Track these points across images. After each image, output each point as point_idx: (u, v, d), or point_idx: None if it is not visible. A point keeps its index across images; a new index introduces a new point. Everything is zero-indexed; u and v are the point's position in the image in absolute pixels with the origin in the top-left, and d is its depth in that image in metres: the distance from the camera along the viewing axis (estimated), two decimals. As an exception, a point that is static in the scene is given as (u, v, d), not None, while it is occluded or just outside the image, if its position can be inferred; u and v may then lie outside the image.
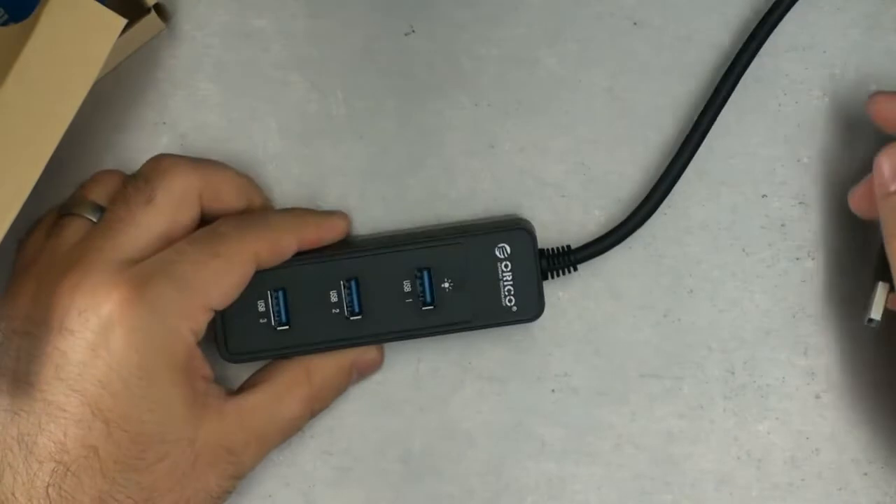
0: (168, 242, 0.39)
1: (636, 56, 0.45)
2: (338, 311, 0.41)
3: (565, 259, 0.43)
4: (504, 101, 0.45)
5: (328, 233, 0.42)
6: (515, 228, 0.42)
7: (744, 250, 0.44)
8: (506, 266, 0.42)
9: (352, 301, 0.41)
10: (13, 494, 0.36)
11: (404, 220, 0.44)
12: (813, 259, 0.44)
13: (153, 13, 0.43)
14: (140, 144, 0.45)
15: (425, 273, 0.42)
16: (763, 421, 0.44)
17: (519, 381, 0.44)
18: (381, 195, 0.45)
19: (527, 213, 0.44)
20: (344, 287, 0.41)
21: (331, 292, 0.41)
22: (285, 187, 0.45)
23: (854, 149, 0.45)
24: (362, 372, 0.43)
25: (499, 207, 0.44)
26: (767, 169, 0.44)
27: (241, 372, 0.43)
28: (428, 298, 0.42)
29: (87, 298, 0.37)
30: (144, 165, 0.42)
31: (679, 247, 0.44)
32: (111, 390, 0.36)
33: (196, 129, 0.45)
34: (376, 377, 0.44)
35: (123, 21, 0.40)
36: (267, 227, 0.41)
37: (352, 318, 0.41)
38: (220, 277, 0.39)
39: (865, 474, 0.44)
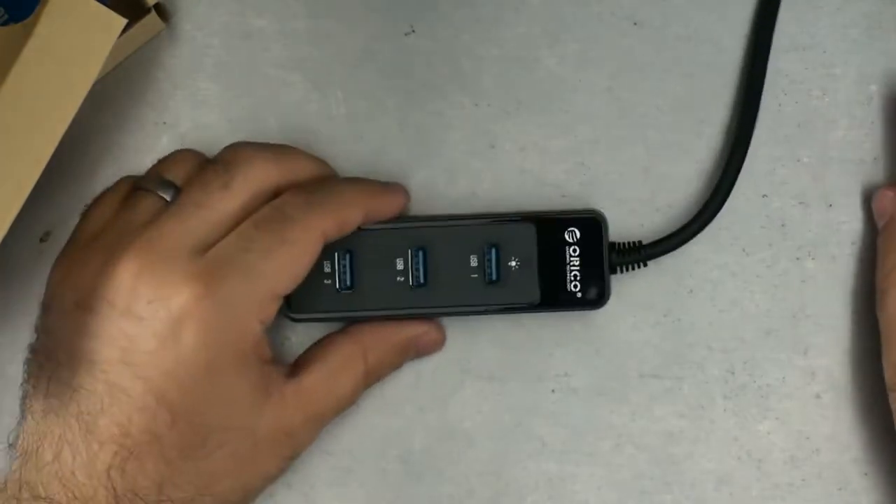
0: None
1: (636, 56, 0.45)
2: (403, 279, 0.41)
3: (636, 254, 0.43)
4: (504, 101, 0.45)
5: (391, 206, 0.42)
6: (587, 215, 0.42)
7: (744, 250, 0.45)
8: (574, 251, 0.42)
9: (418, 270, 0.41)
10: (73, 473, 0.36)
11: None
12: (813, 259, 0.44)
13: (153, 13, 0.44)
14: (140, 144, 0.45)
15: (493, 249, 0.41)
16: (763, 421, 0.44)
17: (519, 381, 0.44)
18: (381, 195, 0.45)
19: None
20: (412, 255, 0.41)
21: (397, 259, 0.41)
22: (285, 187, 0.45)
23: (854, 149, 0.45)
24: (422, 351, 0.43)
25: (499, 207, 0.44)
26: (767, 169, 0.44)
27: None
28: (493, 275, 0.41)
29: (157, 288, 0.37)
30: (224, 150, 0.42)
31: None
32: (178, 383, 0.36)
33: (196, 129, 0.45)
34: (376, 377, 0.44)
35: (123, 21, 0.40)
36: (333, 202, 0.40)
37: (416, 288, 0.41)
38: (289, 265, 0.38)
39: (865, 474, 0.44)
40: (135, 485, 0.36)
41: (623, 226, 0.44)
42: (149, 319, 0.37)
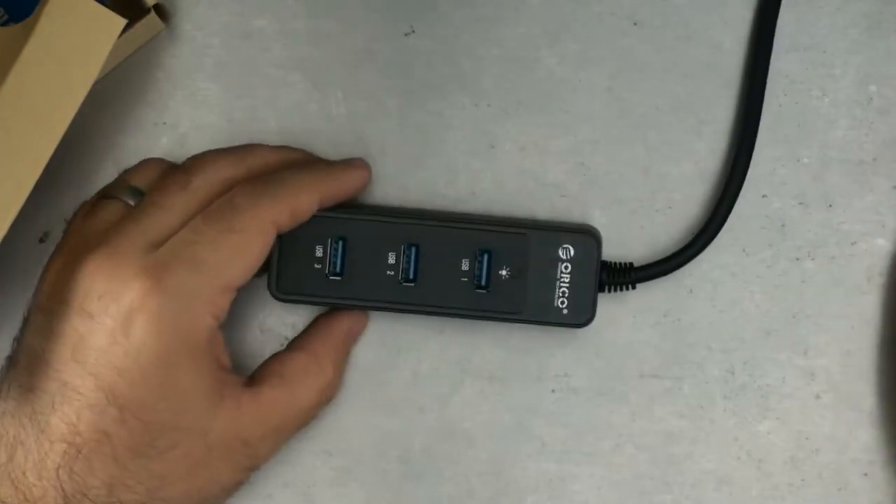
0: None
1: (636, 56, 0.45)
2: (392, 273, 0.41)
3: (626, 276, 0.43)
4: (504, 101, 0.45)
5: (349, 185, 0.42)
6: (583, 232, 0.42)
7: (744, 250, 0.44)
8: (566, 267, 0.41)
9: (408, 267, 0.41)
10: (24, 473, 0.36)
11: (404, 220, 0.44)
12: (813, 259, 0.44)
13: (153, 13, 0.43)
14: (140, 144, 0.45)
15: (486, 255, 0.41)
16: (763, 421, 0.44)
17: (519, 381, 0.44)
18: (382, 195, 0.45)
19: (527, 213, 0.44)
20: (404, 251, 0.41)
21: (390, 253, 0.41)
22: (285, 187, 0.45)
23: (854, 149, 0.45)
24: (355, 340, 0.43)
25: (499, 207, 0.44)
26: (767, 169, 0.44)
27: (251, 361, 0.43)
28: (483, 281, 0.41)
29: (107, 283, 0.37)
30: (189, 158, 0.42)
31: (679, 247, 0.44)
32: (128, 378, 0.36)
33: (196, 129, 0.45)
34: (376, 377, 0.44)
35: (123, 21, 0.40)
36: (283, 190, 0.40)
37: (404, 284, 0.41)
38: (238, 255, 0.38)
39: (865, 474, 0.44)
40: (84, 485, 0.36)
41: (623, 226, 0.44)
42: (98, 315, 0.36)
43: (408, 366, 0.44)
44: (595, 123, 0.45)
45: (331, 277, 0.41)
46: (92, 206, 0.41)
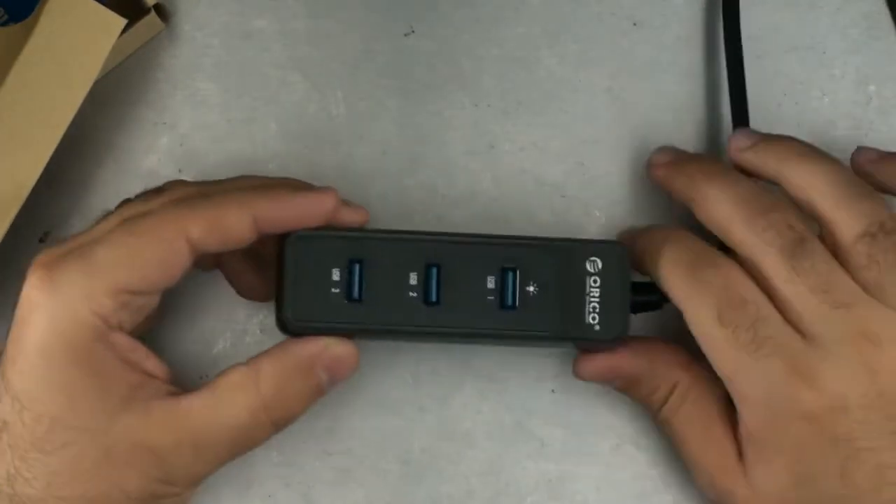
0: None
1: (636, 56, 0.45)
2: (414, 294, 0.38)
3: (654, 294, 0.40)
4: (504, 101, 0.45)
5: (295, 209, 0.38)
6: (609, 242, 0.40)
7: (744, 250, 0.44)
8: (594, 281, 0.39)
9: (430, 287, 0.38)
10: None
11: (404, 220, 0.44)
12: (813, 259, 0.44)
13: (153, 13, 0.44)
14: (140, 144, 0.45)
15: (512, 272, 0.39)
16: (763, 421, 0.44)
17: (519, 381, 0.44)
18: (382, 195, 0.45)
19: (527, 213, 0.44)
20: (426, 271, 0.38)
21: (411, 274, 0.38)
22: (285, 187, 0.44)
23: (853, 149, 0.45)
24: (332, 372, 0.39)
25: (499, 207, 0.44)
26: (767, 169, 0.44)
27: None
28: (510, 300, 0.38)
29: (28, 275, 0.37)
30: (166, 183, 0.40)
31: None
32: (17, 367, 0.36)
33: (196, 129, 0.45)
34: (376, 377, 0.44)
35: (123, 21, 0.40)
36: (206, 201, 0.37)
37: (427, 306, 0.38)
38: (131, 258, 0.36)
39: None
40: None
41: (623, 226, 0.44)
42: (17, 307, 0.37)
43: (408, 366, 0.44)
44: (595, 123, 0.45)
45: (350, 302, 0.38)
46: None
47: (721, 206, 0.38)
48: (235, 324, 0.44)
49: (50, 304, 0.36)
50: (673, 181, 0.41)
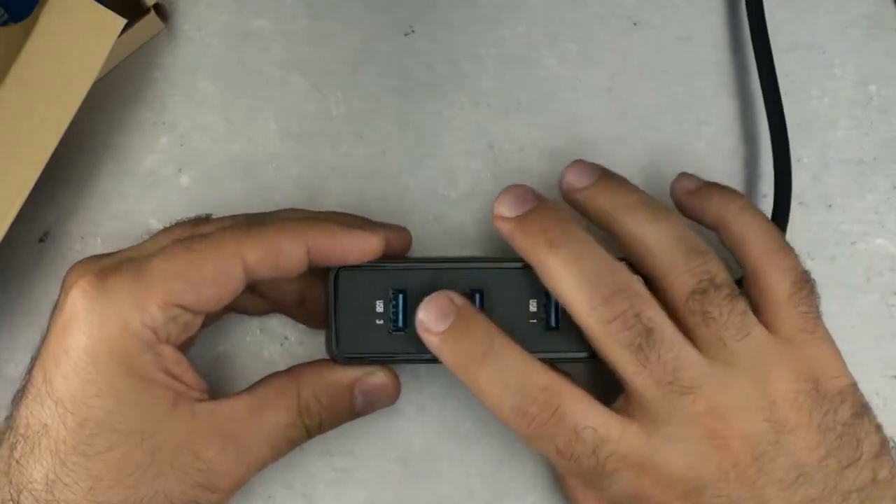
0: None
1: (636, 56, 0.45)
2: None
3: None
4: (504, 101, 0.45)
5: (349, 245, 0.39)
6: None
7: (744, 250, 0.44)
8: None
9: None
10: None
11: (404, 220, 0.44)
12: (812, 259, 0.44)
13: (153, 13, 0.44)
14: (139, 144, 0.45)
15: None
16: (763, 421, 0.44)
17: (519, 381, 0.44)
18: (381, 195, 0.45)
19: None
20: (469, 297, 0.38)
21: None
22: (285, 187, 0.44)
23: (854, 149, 0.45)
24: (369, 396, 0.40)
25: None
26: (768, 169, 0.44)
27: (251, 361, 0.43)
28: (553, 321, 0.39)
29: (68, 280, 0.38)
30: (206, 215, 0.42)
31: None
32: (62, 371, 0.36)
33: (195, 129, 0.45)
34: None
35: (123, 21, 0.40)
36: (263, 228, 0.38)
37: None
38: (187, 271, 0.37)
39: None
40: (29, 478, 0.36)
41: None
42: (57, 311, 0.37)
43: (407, 366, 0.44)
44: (595, 123, 0.45)
45: (394, 333, 0.39)
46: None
47: (564, 283, 0.37)
48: (236, 325, 0.44)
49: (99, 310, 0.36)
50: (517, 243, 0.39)
